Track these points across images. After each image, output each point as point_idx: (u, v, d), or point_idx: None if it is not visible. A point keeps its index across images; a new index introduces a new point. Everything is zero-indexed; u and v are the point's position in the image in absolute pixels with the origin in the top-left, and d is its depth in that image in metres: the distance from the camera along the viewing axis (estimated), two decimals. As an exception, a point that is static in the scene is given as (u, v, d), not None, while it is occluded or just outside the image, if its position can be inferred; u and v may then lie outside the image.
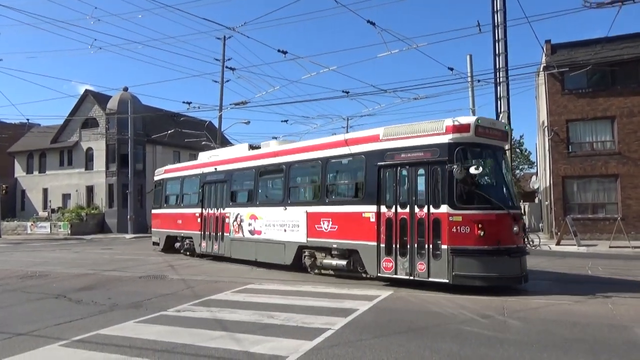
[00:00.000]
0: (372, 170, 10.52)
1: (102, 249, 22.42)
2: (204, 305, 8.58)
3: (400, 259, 9.91)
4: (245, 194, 15.13)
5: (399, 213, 10.02)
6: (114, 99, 36.39)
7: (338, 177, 12.54)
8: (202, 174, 16.67)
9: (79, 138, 39.96)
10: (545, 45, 25.00)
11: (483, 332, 6.52)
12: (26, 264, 15.90)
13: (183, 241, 17.55)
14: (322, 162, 11.97)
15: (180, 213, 17.76)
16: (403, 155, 10.08)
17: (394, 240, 10.02)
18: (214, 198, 15.89)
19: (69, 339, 6.41)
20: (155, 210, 19.98)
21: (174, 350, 5.79)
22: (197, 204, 16.58)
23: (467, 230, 9.14)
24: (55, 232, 34.60)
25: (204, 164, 16.89)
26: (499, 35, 15.59)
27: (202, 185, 16.42)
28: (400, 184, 10.15)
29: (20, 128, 43.56)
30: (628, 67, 23.48)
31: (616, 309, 7.88)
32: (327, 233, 11.45)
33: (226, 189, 15.29)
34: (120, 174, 35.56)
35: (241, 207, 14.53)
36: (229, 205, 15.02)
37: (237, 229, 14.43)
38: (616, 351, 5.64)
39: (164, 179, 19.36)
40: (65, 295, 9.91)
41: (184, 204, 17.80)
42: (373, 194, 10.44)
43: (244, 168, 14.75)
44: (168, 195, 19.09)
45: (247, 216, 14.03)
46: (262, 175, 14.08)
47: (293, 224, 12.42)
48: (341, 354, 5.57)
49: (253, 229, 13.78)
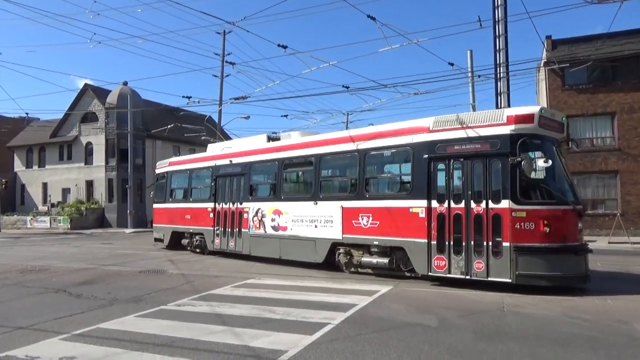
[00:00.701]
0: (421, 162, 9.98)
1: (102, 244, 22.44)
2: (203, 300, 8.60)
3: (454, 257, 9.35)
4: (267, 188, 14.45)
5: (452, 208, 9.48)
6: (113, 94, 36.31)
7: (379, 170, 11.92)
8: (214, 166, 15.78)
9: (78, 132, 39.88)
10: (546, 41, 24.95)
11: (482, 327, 6.54)
12: (26, 258, 15.91)
13: (192, 238, 16.72)
14: (360, 154, 11.27)
15: (188, 208, 16.85)
16: (457, 147, 9.56)
17: (447, 237, 9.46)
18: (229, 192, 15.07)
19: (69, 332, 6.42)
20: (158, 205, 18.94)
21: (174, 345, 5.80)
22: (209, 198, 15.73)
23: (531, 227, 8.69)
24: (55, 226, 34.60)
25: (216, 156, 15.96)
26: (499, 30, 15.50)
27: (214, 179, 15.57)
28: (454, 178, 9.58)
29: (19, 122, 43.51)
30: (629, 63, 23.43)
31: (615, 304, 7.90)
32: (367, 229, 10.84)
33: (244, 183, 14.47)
34: (120, 168, 35.53)
35: (262, 202, 13.75)
36: (248, 199, 14.21)
37: (257, 225, 13.68)
38: (615, 346, 5.65)
39: (169, 172, 18.38)
40: (65, 289, 9.92)
41: (193, 198, 16.91)
42: (422, 188, 9.89)
43: (265, 160, 13.97)
44: (174, 189, 18.14)
45: (270, 211, 13.31)
46: (286, 168, 13.32)
47: (325, 220, 11.78)
48: (340, 349, 5.58)
49: (277, 225, 13.08)
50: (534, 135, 9.23)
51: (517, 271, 8.68)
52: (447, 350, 5.51)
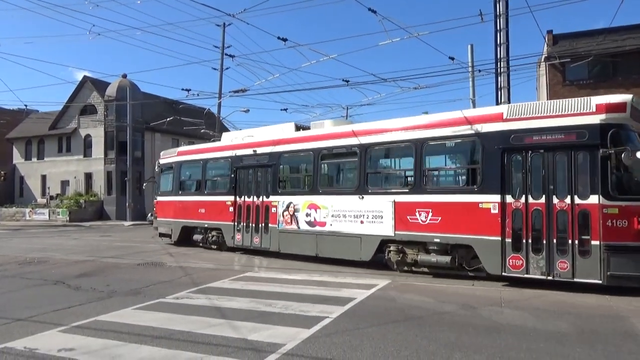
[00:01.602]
0: (493, 154, 9.25)
1: (101, 236, 22.45)
2: (202, 293, 8.61)
3: (533, 256, 8.68)
4: (300, 180, 13.71)
5: (530, 204, 8.79)
6: (112, 86, 36.17)
7: (440, 162, 11.16)
8: (234, 156, 14.58)
9: (77, 125, 39.77)
10: (547, 36, 24.86)
11: (480, 322, 6.56)
12: (25, 250, 15.92)
13: (207, 233, 15.51)
14: (417, 144, 10.40)
15: (203, 201, 15.56)
16: (536, 137, 8.84)
17: (525, 235, 8.78)
18: (253, 184, 13.98)
19: (67, 324, 6.44)
20: (164, 197, 17.54)
21: (172, 337, 5.81)
22: (229, 190, 14.59)
23: (624, 224, 8.08)
24: (53, 218, 34.57)
25: (236, 146, 14.75)
26: (500, 25, 15.43)
27: (234, 170, 14.43)
28: (533, 171, 8.88)
29: (18, 114, 43.35)
30: (630, 59, 23.34)
31: (613, 299, 7.92)
32: (425, 226, 10.05)
33: (271, 174, 13.41)
34: (119, 161, 35.46)
35: (295, 195, 12.81)
36: (277, 192, 13.21)
37: (288, 220, 12.70)
38: (612, 341, 5.67)
39: (177, 163, 16.99)
40: (64, 281, 9.93)
41: (208, 190, 15.67)
42: (494, 182, 9.16)
43: (297, 150, 12.98)
44: (184, 181, 16.87)
45: (304, 205, 12.34)
46: (324, 158, 12.36)
47: (374, 215, 10.91)
48: (338, 342, 5.59)
49: (313, 220, 12.11)
50: (624, 125, 8.48)
51: (609, 272, 8.11)
52: (444, 345, 5.52)
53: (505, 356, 5.14)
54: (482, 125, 9.54)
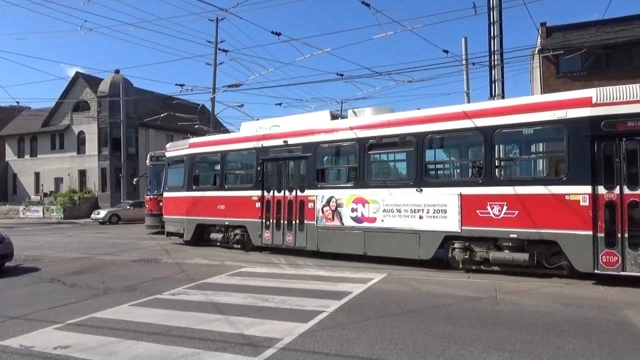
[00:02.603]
0: (581, 141, 8.56)
1: (96, 233, 22.36)
2: (198, 289, 8.60)
3: (630, 252, 8.07)
4: (344, 173, 12.76)
5: (626, 195, 8.14)
6: (105, 82, 35.95)
7: (514, 151, 10.36)
8: (260, 148, 13.41)
9: (70, 121, 39.54)
10: (540, 28, 24.89)
11: (475, 314, 6.59)
12: (19, 248, 15.78)
13: (228, 231, 14.36)
14: (486, 132, 9.60)
15: (222, 196, 14.31)
16: (631, 123, 8.22)
17: (620, 229, 8.15)
18: (284, 177, 12.93)
19: (63, 322, 6.42)
20: (173, 193, 16.16)
21: (169, 333, 5.81)
22: (254, 184, 13.47)
23: None
24: (47, 216, 34.42)
25: (262, 136, 13.50)
26: (494, 17, 15.43)
27: (261, 162, 13.30)
28: (628, 160, 8.25)
29: (10, 111, 43.02)
30: (623, 51, 23.42)
31: (607, 290, 7.98)
32: (499, 220, 9.29)
33: (307, 167, 12.37)
34: (113, 157, 35.33)
35: (337, 189, 11.87)
36: (314, 186, 12.18)
37: (329, 216, 11.73)
38: (607, 332, 5.72)
39: (189, 155, 15.58)
40: (59, 279, 9.89)
41: (229, 184, 14.47)
42: (583, 171, 8.49)
43: (338, 140, 11.99)
44: (198, 175, 15.63)
45: (349, 200, 11.39)
46: (372, 149, 11.37)
47: (435, 210, 10.10)
48: (335, 336, 5.61)
49: (360, 216, 11.19)
50: None
51: None
52: (440, 337, 5.54)
53: (501, 348, 5.17)
54: (567, 111, 8.81)
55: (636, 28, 23.32)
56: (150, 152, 22.23)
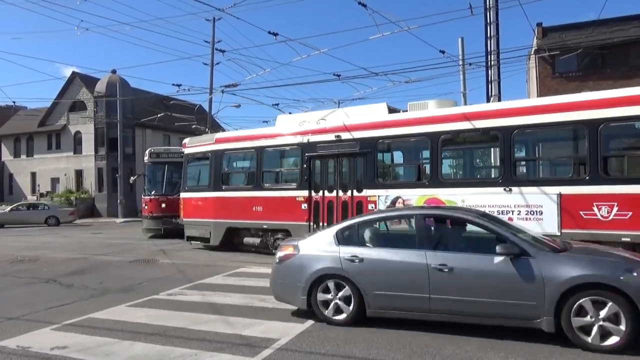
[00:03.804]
0: None
1: (93, 233, 22.33)
2: (195, 289, 8.61)
3: None
4: (411, 170, 11.84)
5: None
6: (102, 82, 35.85)
7: (628, 145, 9.55)
8: (306, 143, 12.27)
9: (66, 121, 39.44)
10: (536, 29, 24.96)
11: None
12: (15, 249, 15.80)
13: (267, 235, 13.07)
14: (592, 125, 8.77)
15: (260, 197, 13.10)
16: None
17: None
18: (337, 176, 11.94)
19: (60, 323, 6.42)
20: (196, 193, 14.89)
21: (166, 334, 5.82)
22: (300, 183, 12.36)
23: None
24: (44, 216, 34.27)
25: (308, 131, 12.36)
26: (490, 18, 15.49)
27: (307, 159, 12.21)
28: None
29: (6, 111, 42.82)
30: (619, 51, 23.54)
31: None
32: (608, 222, 8.57)
33: (365, 164, 11.37)
34: (110, 157, 35.20)
35: (403, 188, 10.90)
36: (374, 185, 11.15)
37: None
38: (601, 331, 5.75)
39: (217, 152, 14.22)
40: (56, 279, 9.89)
41: (267, 184, 13.20)
42: None
43: (404, 135, 10.97)
44: (229, 173, 14.38)
45: (420, 200, 10.49)
46: (447, 144, 10.56)
47: (528, 211, 9.30)
48: (332, 336, 5.63)
49: None
50: None
51: None
52: (436, 337, 5.57)
53: (497, 346, 5.20)
54: None
55: (632, 28, 23.43)
56: (150, 148, 21.20)
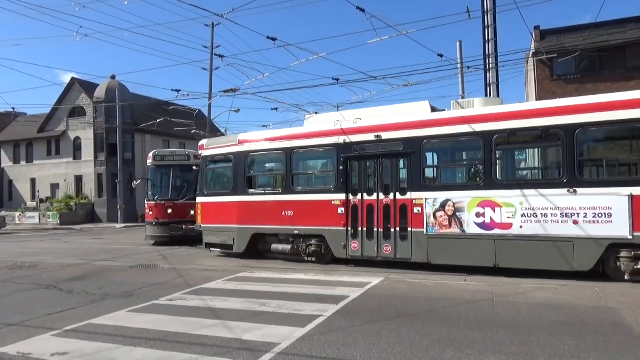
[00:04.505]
0: None
1: (93, 239, 22.31)
2: (196, 294, 8.61)
3: None
4: (462, 171, 11.53)
5: None
6: (101, 88, 35.91)
7: None
8: (342, 144, 11.71)
9: (66, 127, 39.47)
10: (534, 32, 25.06)
11: (472, 317, 6.62)
12: (15, 255, 15.79)
13: (299, 242, 12.36)
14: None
15: (290, 201, 12.41)
16: None
17: None
18: (377, 178, 11.35)
19: (61, 328, 6.42)
20: (216, 198, 14.09)
21: (167, 339, 5.81)
22: (336, 186, 11.72)
23: None
24: (44, 222, 34.29)
25: (344, 131, 11.78)
26: (488, 21, 15.58)
27: (344, 161, 11.61)
28: None
29: (5, 117, 42.80)
30: (616, 53, 23.62)
31: (602, 292, 8.03)
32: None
33: (409, 165, 10.88)
34: (109, 163, 35.22)
35: (454, 191, 10.38)
36: (420, 187, 10.65)
37: (445, 222, 10.23)
38: (602, 333, 5.76)
39: (241, 153, 13.41)
40: (56, 285, 9.88)
41: (299, 187, 12.53)
42: None
43: (453, 135, 10.46)
44: (254, 176, 13.68)
45: (472, 203, 9.97)
46: (501, 144, 10.09)
47: (595, 213, 8.89)
48: (333, 341, 5.63)
49: (489, 222, 9.77)
50: None
51: None
52: (437, 340, 5.58)
53: (497, 350, 5.21)
54: None
55: (629, 30, 23.52)
56: (154, 151, 20.42)
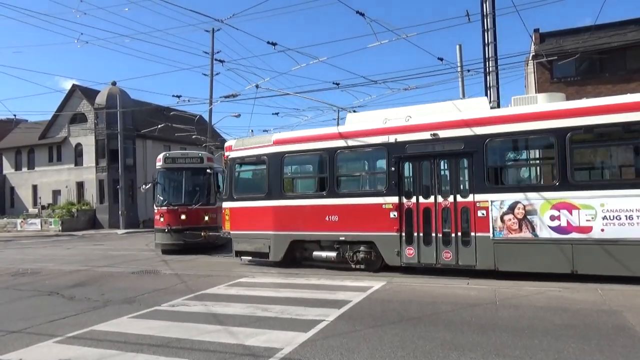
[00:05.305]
0: None
1: (94, 245, 22.30)
2: (197, 300, 8.59)
3: None
4: (532, 171, 10.85)
5: None
6: (102, 94, 36.01)
7: None
8: (393, 143, 10.99)
9: (67, 134, 39.56)
10: (533, 35, 25.09)
11: (475, 320, 6.60)
12: (17, 261, 15.79)
13: (344, 248, 11.62)
14: None
15: (335, 205, 11.67)
16: None
17: None
18: (434, 179, 10.68)
19: (63, 335, 6.41)
20: (248, 202, 13.09)
21: (169, 345, 5.80)
22: (387, 189, 11.00)
23: None
24: (45, 228, 34.29)
25: (395, 129, 11.07)
26: (487, 24, 15.58)
27: (396, 161, 10.93)
28: None
29: (7, 124, 42.93)
30: (616, 55, 23.63)
31: (606, 294, 8.00)
32: None
33: (471, 165, 10.21)
34: (111, 169, 35.28)
35: (524, 192, 9.74)
36: (485, 189, 9.98)
37: (514, 226, 9.63)
38: (606, 336, 5.74)
39: (275, 154, 12.57)
40: (58, 292, 9.87)
41: (344, 190, 11.82)
42: None
43: (519, 132, 9.87)
44: (292, 179, 13.14)
45: (546, 205, 9.40)
46: (578, 142, 9.48)
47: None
48: (335, 345, 5.61)
49: (565, 225, 9.20)
50: None
51: None
52: (440, 344, 5.56)
53: (501, 353, 5.19)
54: None
55: (629, 32, 23.55)
56: (164, 153, 19.11)
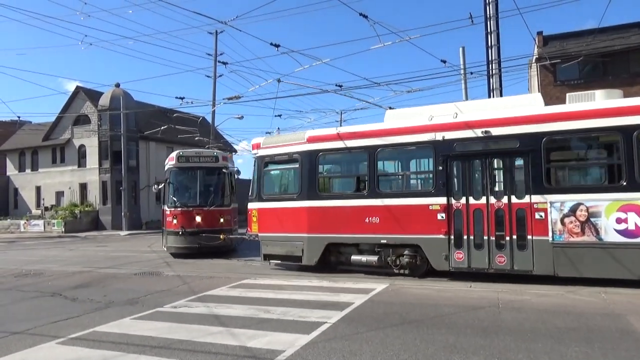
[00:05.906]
0: None
1: (97, 246, 22.34)
2: (200, 301, 8.60)
3: None
4: (597, 171, 10.12)
5: None
6: (105, 96, 36.13)
7: None
8: (441, 141, 10.49)
9: (71, 135, 39.69)
10: (537, 37, 25.07)
11: (477, 323, 6.58)
12: (21, 263, 15.83)
13: (386, 252, 11.04)
14: None
15: (375, 206, 11.08)
16: None
17: None
18: (486, 179, 10.16)
19: (65, 336, 6.42)
20: (278, 203, 12.53)
21: (171, 346, 5.81)
22: (434, 189, 10.48)
23: None
24: (49, 230, 34.39)
25: (441, 126, 10.54)
26: (491, 27, 15.60)
27: (444, 160, 10.39)
28: None
29: (11, 126, 43.25)
30: (620, 58, 23.60)
31: (609, 298, 7.97)
32: None
33: (527, 165, 9.70)
34: (114, 170, 35.38)
35: (587, 193, 9.25)
36: (543, 190, 9.46)
37: (575, 229, 9.15)
38: (609, 339, 5.71)
39: (309, 152, 12.00)
40: (60, 293, 9.89)
41: (385, 190, 11.31)
42: None
43: (580, 130, 9.32)
44: (328, 178, 12.58)
45: (611, 207, 8.94)
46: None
47: None
48: (337, 348, 5.61)
49: (633, 228, 8.71)
50: None
51: None
52: (443, 347, 5.54)
53: (503, 357, 5.17)
54: None
55: (632, 36, 23.51)
56: (178, 151, 18.04)
